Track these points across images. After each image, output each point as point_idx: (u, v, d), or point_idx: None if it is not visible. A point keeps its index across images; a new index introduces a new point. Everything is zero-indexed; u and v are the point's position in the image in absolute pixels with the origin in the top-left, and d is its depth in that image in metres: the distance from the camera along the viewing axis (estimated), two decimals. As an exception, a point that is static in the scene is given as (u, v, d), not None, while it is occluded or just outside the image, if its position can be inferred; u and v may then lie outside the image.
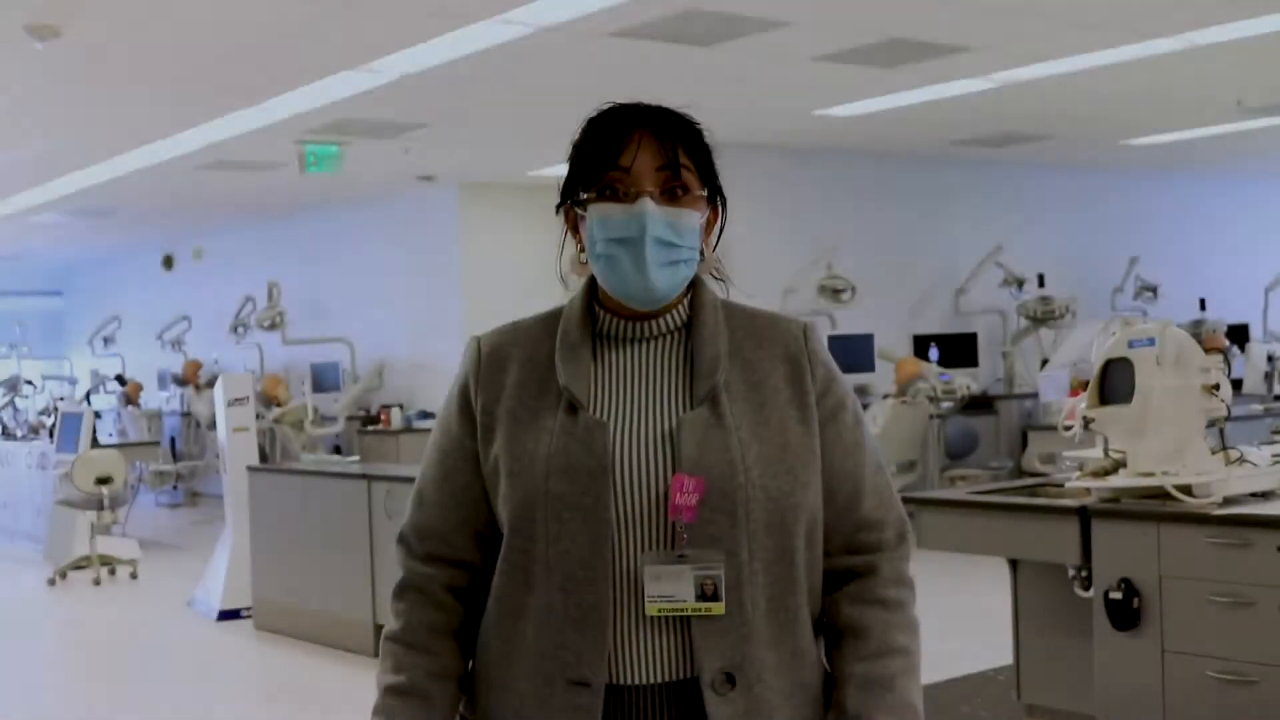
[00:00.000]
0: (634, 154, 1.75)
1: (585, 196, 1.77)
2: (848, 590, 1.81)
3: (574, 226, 1.82)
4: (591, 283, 1.84)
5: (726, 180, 1.86)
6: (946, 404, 10.42)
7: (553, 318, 1.85)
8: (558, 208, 1.84)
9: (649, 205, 1.73)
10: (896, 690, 1.77)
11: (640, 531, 1.71)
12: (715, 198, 1.82)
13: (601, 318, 1.82)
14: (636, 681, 1.71)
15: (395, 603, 1.85)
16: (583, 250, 1.81)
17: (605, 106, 1.80)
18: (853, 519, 1.81)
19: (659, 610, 1.69)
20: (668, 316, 1.82)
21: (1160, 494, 4.28)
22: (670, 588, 1.69)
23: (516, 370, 1.81)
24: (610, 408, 1.77)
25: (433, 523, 1.84)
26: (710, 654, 1.70)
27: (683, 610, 1.69)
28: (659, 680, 1.71)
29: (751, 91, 9.06)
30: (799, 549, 1.75)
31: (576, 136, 1.80)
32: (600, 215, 1.75)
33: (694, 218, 1.77)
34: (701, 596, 1.69)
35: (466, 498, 1.82)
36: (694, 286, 1.84)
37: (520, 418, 1.78)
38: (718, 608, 1.70)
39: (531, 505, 1.73)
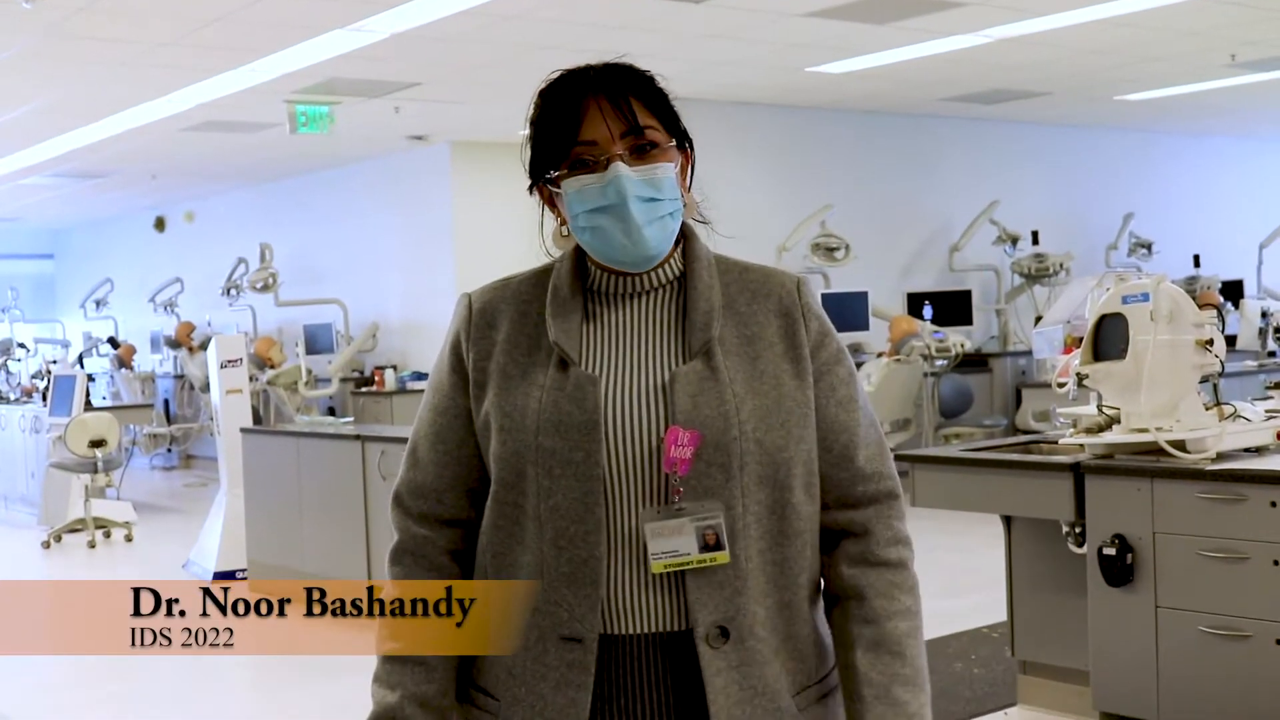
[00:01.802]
0: (594, 123, 1.73)
1: (556, 174, 1.76)
2: (846, 550, 1.81)
3: (550, 201, 1.82)
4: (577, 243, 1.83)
5: (721, 138, 1.85)
6: (940, 362, 10.42)
7: (544, 273, 1.84)
8: (530, 188, 1.82)
9: (621, 168, 1.72)
10: (906, 656, 1.77)
11: (634, 486, 1.71)
12: (683, 143, 1.81)
13: (593, 274, 1.82)
14: (629, 632, 1.72)
15: (392, 566, 1.85)
16: (563, 223, 1.81)
17: (554, 76, 1.79)
18: (847, 471, 1.80)
19: (664, 566, 1.69)
20: (660, 270, 1.81)
21: (1154, 450, 4.28)
22: (673, 543, 1.69)
23: (507, 326, 1.81)
24: (602, 363, 1.76)
25: (426, 481, 1.84)
26: (705, 607, 1.70)
27: (688, 563, 1.69)
28: (651, 630, 1.72)
29: (744, 48, 9.01)
30: (794, 503, 1.75)
31: (531, 112, 1.79)
32: (576, 188, 1.74)
33: (668, 169, 1.76)
34: (705, 547, 1.69)
35: (460, 454, 1.82)
36: (685, 239, 1.83)
37: (511, 374, 1.77)
38: (723, 556, 1.69)
39: (522, 460, 1.73)
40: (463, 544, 1.83)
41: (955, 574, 7.03)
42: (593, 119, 1.73)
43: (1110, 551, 4.33)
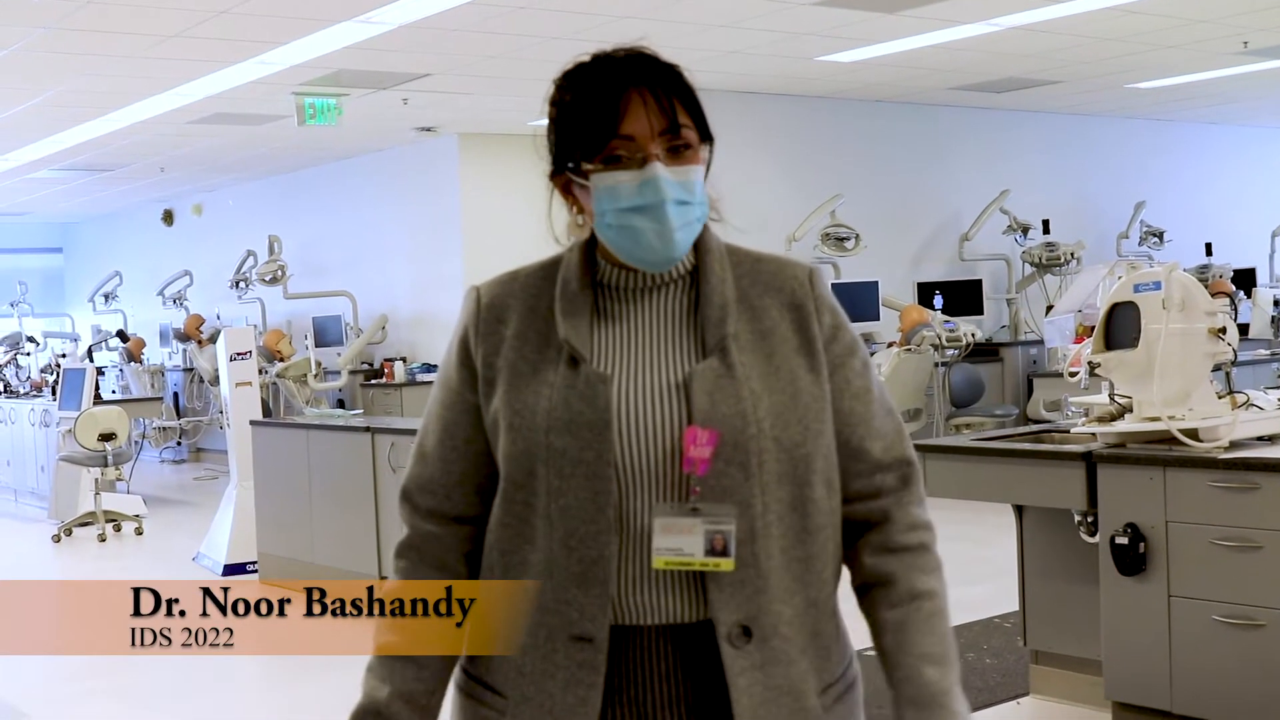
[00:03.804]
0: (635, 118, 1.68)
1: (589, 167, 1.71)
2: (867, 540, 1.79)
3: (564, 190, 1.77)
4: (591, 234, 1.79)
5: (731, 128, 1.82)
6: (951, 351, 10.38)
7: (553, 266, 1.81)
8: (551, 175, 1.77)
9: (660, 169, 1.68)
10: (935, 634, 1.77)
11: (649, 485, 1.69)
12: (705, 140, 1.77)
13: (603, 268, 1.78)
14: (641, 623, 1.70)
15: (396, 560, 1.84)
16: (579, 213, 1.77)
17: (585, 60, 1.73)
18: (865, 463, 1.78)
19: (665, 563, 1.67)
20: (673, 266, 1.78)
21: (1166, 438, 4.26)
22: (679, 541, 1.66)
23: (516, 321, 1.77)
24: (614, 360, 1.73)
25: (434, 477, 1.82)
26: (726, 607, 1.68)
27: (690, 565, 1.67)
28: (664, 623, 1.70)
29: (752, 37, 8.98)
30: (814, 498, 1.73)
31: (560, 94, 1.74)
32: (609, 184, 1.69)
33: (699, 172, 1.72)
34: (711, 551, 1.66)
35: (468, 451, 1.80)
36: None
37: (521, 371, 1.74)
38: (726, 564, 1.67)
39: (533, 460, 1.70)
40: (470, 543, 1.81)
41: (967, 564, 7.01)
42: (634, 113, 1.68)
43: (1122, 541, 4.31)
